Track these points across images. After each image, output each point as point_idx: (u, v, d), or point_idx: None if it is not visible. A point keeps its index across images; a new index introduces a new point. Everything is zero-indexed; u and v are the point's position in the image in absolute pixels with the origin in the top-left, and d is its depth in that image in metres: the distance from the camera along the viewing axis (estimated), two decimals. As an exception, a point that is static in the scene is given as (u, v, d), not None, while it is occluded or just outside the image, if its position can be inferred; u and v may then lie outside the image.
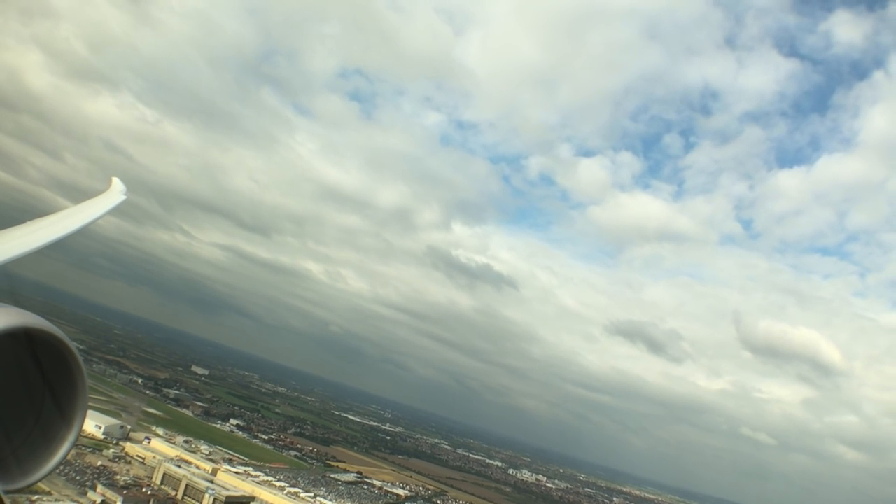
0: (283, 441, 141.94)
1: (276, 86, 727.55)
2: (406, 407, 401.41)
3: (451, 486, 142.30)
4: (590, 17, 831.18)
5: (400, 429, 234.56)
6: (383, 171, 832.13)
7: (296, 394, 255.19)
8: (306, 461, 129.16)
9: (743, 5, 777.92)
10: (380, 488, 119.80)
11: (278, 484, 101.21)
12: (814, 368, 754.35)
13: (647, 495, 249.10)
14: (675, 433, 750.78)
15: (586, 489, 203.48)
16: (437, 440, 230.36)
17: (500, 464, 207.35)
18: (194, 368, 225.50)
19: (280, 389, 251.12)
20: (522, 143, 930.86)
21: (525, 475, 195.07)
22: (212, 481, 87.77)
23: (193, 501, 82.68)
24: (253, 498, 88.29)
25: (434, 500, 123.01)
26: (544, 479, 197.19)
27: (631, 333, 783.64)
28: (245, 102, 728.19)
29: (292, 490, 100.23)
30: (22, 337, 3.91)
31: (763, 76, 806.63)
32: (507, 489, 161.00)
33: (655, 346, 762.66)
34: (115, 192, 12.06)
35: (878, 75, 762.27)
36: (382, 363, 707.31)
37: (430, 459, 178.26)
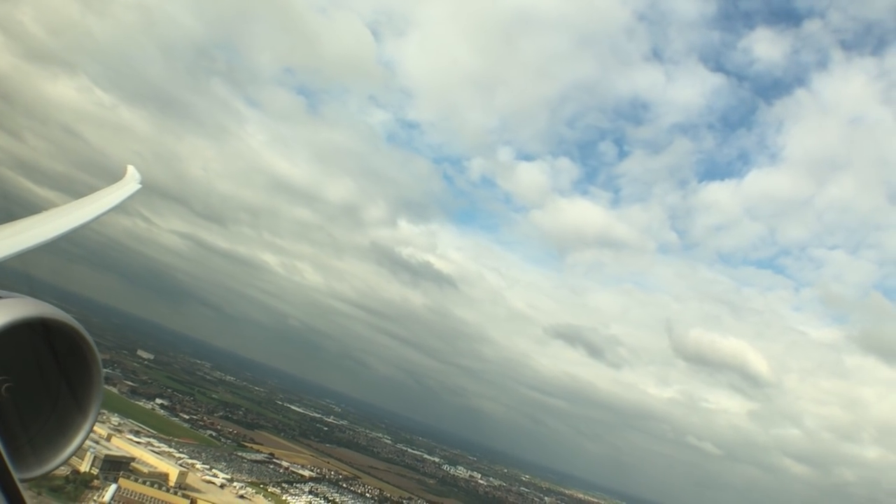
0: (205, 422, 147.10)
1: (226, 77, 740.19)
2: (365, 403, 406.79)
3: (369, 475, 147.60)
4: (523, 26, 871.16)
5: (345, 422, 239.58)
6: (330, 166, 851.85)
7: (245, 383, 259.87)
8: (220, 440, 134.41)
9: (667, 19, 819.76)
10: (286, 468, 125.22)
11: (177, 455, 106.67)
12: (743, 378, 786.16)
13: (591, 499, 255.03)
14: (628, 440, 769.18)
15: (522, 489, 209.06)
16: (379, 434, 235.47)
17: (438, 460, 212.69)
18: (140, 352, 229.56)
19: (229, 378, 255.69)
20: (464, 145, 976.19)
21: (460, 471, 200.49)
22: (97, 442, 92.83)
23: (77, 458, 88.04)
24: (133, 458, 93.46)
25: (341, 483, 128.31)
26: (479, 476, 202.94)
27: (571, 337, 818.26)
28: (196, 92, 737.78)
29: (189, 461, 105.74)
30: (38, 327, 4.02)
31: (690, 89, 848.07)
32: (432, 482, 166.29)
33: (595, 350, 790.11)
34: (131, 181, 12.06)
35: (800, 93, 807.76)
36: (342, 359, 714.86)
37: (362, 450, 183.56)
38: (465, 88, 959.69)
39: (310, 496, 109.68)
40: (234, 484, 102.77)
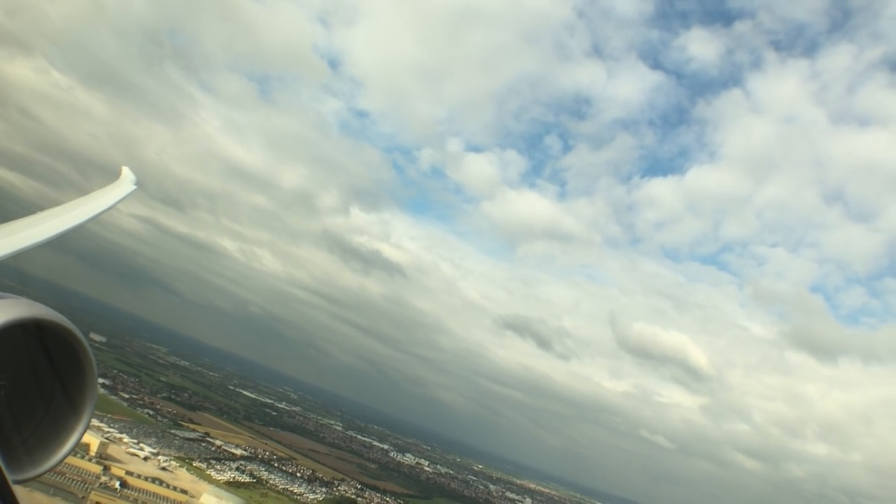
0: (144, 401, 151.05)
1: (179, 62, 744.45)
2: (325, 392, 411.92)
3: (308, 457, 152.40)
4: (467, 19, 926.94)
5: (297, 408, 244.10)
6: (283, 153, 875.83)
7: (200, 369, 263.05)
8: (157, 419, 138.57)
9: (606, 16, 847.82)
10: (219, 447, 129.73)
11: (106, 430, 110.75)
12: (686, 372, 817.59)
13: (542, 489, 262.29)
14: (585, 433, 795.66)
15: (470, 477, 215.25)
16: (331, 421, 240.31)
17: (387, 447, 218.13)
18: (92, 335, 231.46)
19: (183, 363, 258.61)
20: (414, 135, 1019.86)
21: (407, 458, 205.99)
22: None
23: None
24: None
25: (274, 462, 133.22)
26: (426, 463, 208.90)
27: (521, 328, 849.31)
28: (151, 76, 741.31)
29: (118, 436, 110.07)
30: (32, 328, 4.01)
31: (631, 86, 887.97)
32: (373, 466, 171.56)
33: (543, 342, 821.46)
34: (126, 182, 12.26)
35: (736, 92, 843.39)
36: (304, 347, 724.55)
37: (307, 435, 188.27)
38: (414, 79, 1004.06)
39: (235, 472, 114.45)
40: (160, 457, 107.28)
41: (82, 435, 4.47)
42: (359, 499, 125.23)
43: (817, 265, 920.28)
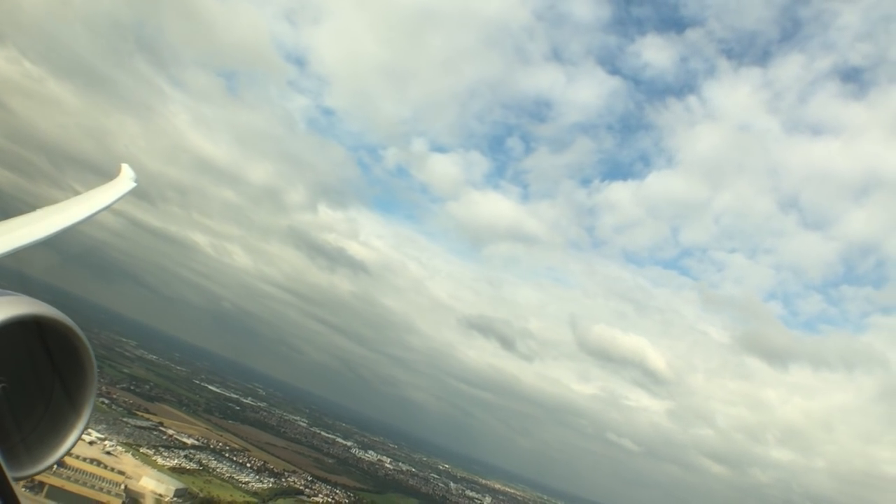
0: (101, 391, 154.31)
1: (148, 56, 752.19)
2: (298, 389, 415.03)
3: (263, 450, 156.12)
4: (429, 21, 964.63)
5: (263, 404, 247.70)
6: (251, 149, 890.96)
7: (168, 363, 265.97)
8: (111, 408, 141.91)
9: (563, 21, 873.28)
10: (170, 436, 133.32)
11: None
12: (645, 375, 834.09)
13: (507, 489, 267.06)
14: (555, 435, 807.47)
15: (433, 475, 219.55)
16: (297, 418, 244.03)
17: (350, 444, 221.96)
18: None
19: (151, 357, 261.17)
20: (380, 134, 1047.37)
21: (369, 455, 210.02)
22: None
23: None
24: None
25: (225, 453, 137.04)
26: (388, 460, 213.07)
27: (485, 329, 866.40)
28: (121, 69, 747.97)
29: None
30: (32, 325, 4.05)
31: (589, 90, 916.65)
32: (330, 461, 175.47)
33: (507, 342, 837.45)
34: (125, 180, 12.45)
35: (691, 99, 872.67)
36: (277, 344, 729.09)
37: (267, 429, 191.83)
38: (378, 78, 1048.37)
39: (183, 459, 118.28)
40: (106, 442, 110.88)
41: (82, 432, 4.57)
42: (306, 489, 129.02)
43: (774, 271, 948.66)
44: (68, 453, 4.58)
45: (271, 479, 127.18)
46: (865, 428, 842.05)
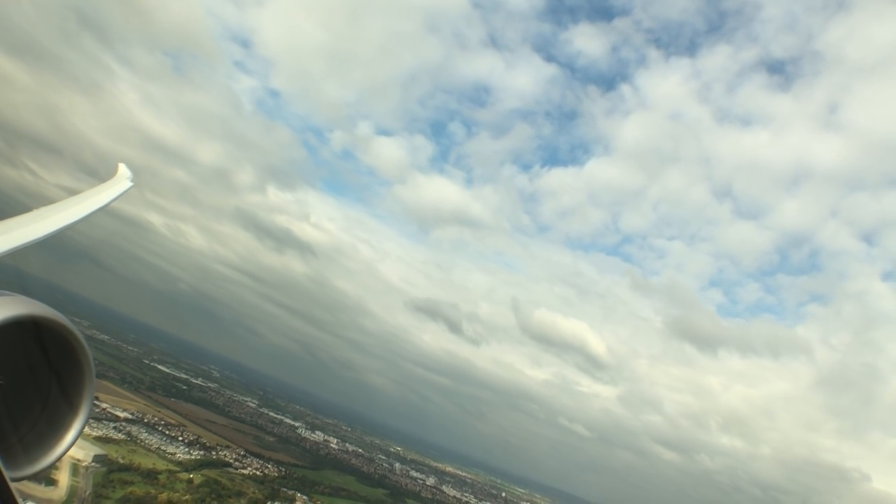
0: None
1: (96, 33, 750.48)
2: (256, 372, 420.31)
3: (201, 426, 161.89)
4: (368, 5, 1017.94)
5: (214, 385, 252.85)
6: (198, 129, 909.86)
7: (120, 343, 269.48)
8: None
9: (499, 8, 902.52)
10: (104, 409, 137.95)
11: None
12: (586, 359, 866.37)
13: (459, 472, 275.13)
14: (511, 420, 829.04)
15: (380, 456, 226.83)
16: (247, 399, 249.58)
17: (299, 424, 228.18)
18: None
19: (103, 337, 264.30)
20: (325, 117, 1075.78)
21: (315, 436, 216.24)
22: None
23: None
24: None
25: (159, 427, 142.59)
26: (334, 440, 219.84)
27: (433, 312, 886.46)
28: (69, 46, 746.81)
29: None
30: (29, 325, 4.13)
31: (527, 77, 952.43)
32: (271, 439, 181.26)
33: (454, 326, 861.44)
34: (122, 179, 12.75)
35: (624, 87, 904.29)
36: (234, 326, 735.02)
37: (212, 408, 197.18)
38: (320, 61, 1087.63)
39: (111, 430, 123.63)
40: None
41: (80, 432, 4.70)
42: (236, 463, 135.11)
43: (713, 259, 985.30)
44: (66, 453, 4.66)
45: (201, 452, 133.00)
46: (806, 416, 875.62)
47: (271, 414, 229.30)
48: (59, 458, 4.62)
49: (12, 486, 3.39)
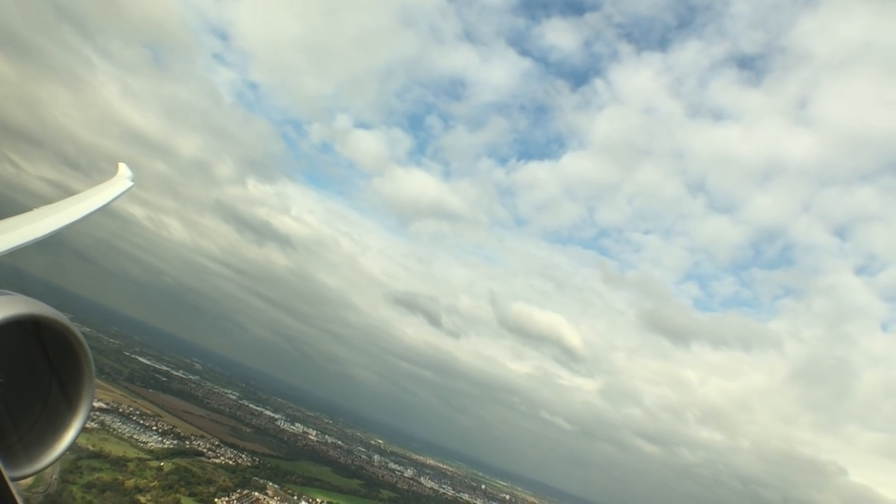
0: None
1: (75, 25, 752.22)
2: (241, 366, 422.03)
3: (178, 417, 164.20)
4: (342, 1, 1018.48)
5: (195, 377, 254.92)
6: (178, 122, 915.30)
7: (101, 335, 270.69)
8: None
9: (472, 2, 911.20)
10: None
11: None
12: (564, 352, 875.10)
13: (440, 465, 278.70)
14: (494, 414, 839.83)
15: (360, 448, 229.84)
16: (229, 391, 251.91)
17: (279, 416, 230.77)
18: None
19: (84, 329, 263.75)
20: (304, 110, 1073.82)
21: (294, 428, 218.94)
22: None
23: None
24: None
25: (134, 417, 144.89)
26: (314, 432, 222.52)
27: (412, 305, 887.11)
28: (49, 38, 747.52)
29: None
30: (29, 325, 4.18)
31: (502, 71, 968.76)
32: (248, 430, 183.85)
33: (433, 319, 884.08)
34: (122, 179, 12.85)
35: (598, 82, 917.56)
36: (219, 320, 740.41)
37: (190, 399, 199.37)
38: (298, 54, 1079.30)
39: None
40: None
41: (79, 432, 4.79)
42: (209, 452, 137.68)
43: (689, 253, 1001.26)
44: (66, 452, 4.73)
45: (174, 441, 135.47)
46: (783, 409, 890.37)
47: (251, 406, 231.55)
48: (60, 458, 4.67)
49: (12, 485, 3.47)
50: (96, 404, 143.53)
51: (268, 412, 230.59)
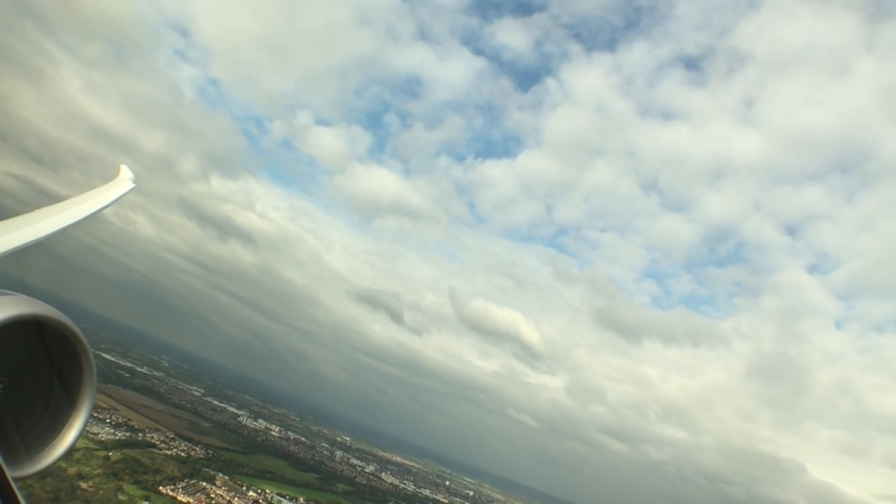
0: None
1: (37, 20, 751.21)
2: (210, 363, 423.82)
3: (135, 411, 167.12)
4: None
5: (160, 373, 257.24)
6: (141, 118, 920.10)
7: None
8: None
9: (426, 2, 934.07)
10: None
11: None
12: (522, 349, 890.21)
13: (406, 462, 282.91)
14: (463, 412, 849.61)
15: (323, 444, 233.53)
16: (193, 388, 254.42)
17: (242, 413, 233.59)
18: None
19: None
20: (265, 107, 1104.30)
21: (257, 424, 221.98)
22: None
23: None
24: None
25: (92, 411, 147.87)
26: (277, 429, 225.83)
27: (374, 302, 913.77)
28: (11, 33, 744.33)
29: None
30: (31, 325, 4.26)
31: (457, 69, 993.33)
32: (207, 425, 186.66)
33: (396, 316, 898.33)
34: (124, 181, 13.32)
35: (550, 81, 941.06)
36: (189, 317, 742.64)
37: (151, 395, 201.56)
38: (258, 51, 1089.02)
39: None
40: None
41: (82, 431, 4.91)
42: (161, 444, 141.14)
43: (645, 251, 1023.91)
44: (68, 452, 4.86)
45: (127, 433, 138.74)
46: (742, 406, 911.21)
47: (215, 402, 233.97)
48: (62, 457, 4.76)
49: (15, 484, 3.52)
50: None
51: (231, 408, 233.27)
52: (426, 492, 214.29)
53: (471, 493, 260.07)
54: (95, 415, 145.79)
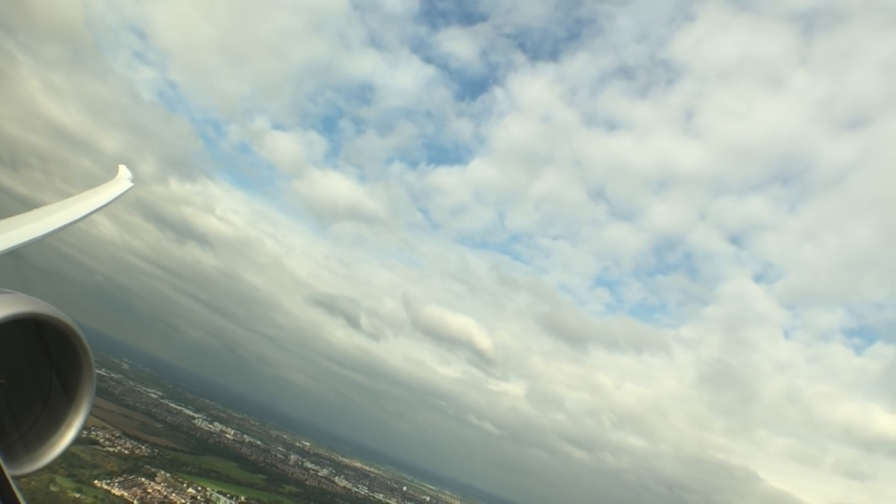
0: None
1: None
2: (175, 367, 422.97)
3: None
4: (255, 3, 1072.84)
5: (118, 376, 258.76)
6: (99, 118, 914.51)
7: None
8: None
9: (377, 10, 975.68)
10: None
11: None
12: (475, 355, 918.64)
13: (365, 467, 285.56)
14: (427, 419, 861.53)
15: (279, 448, 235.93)
16: (151, 390, 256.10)
17: (199, 416, 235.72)
18: None
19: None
20: (222, 110, 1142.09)
21: (212, 427, 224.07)
22: None
23: None
24: None
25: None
26: (232, 432, 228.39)
27: (331, 307, 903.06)
28: None
29: None
30: (30, 323, 4.23)
31: (408, 77, 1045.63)
32: (158, 426, 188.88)
33: (353, 321, 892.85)
34: (122, 180, 13.52)
35: (497, 90, 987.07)
36: (153, 321, 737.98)
37: (106, 396, 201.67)
38: (214, 54, 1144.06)
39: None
40: None
41: (81, 430, 4.84)
42: (105, 442, 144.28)
43: (596, 259, 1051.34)
44: (67, 450, 4.79)
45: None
46: (695, 414, 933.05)
47: (171, 405, 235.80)
48: (61, 455, 4.77)
49: (14, 483, 3.55)
50: None
51: (188, 411, 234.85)
52: (379, 496, 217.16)
53: (428, 499, 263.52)
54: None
